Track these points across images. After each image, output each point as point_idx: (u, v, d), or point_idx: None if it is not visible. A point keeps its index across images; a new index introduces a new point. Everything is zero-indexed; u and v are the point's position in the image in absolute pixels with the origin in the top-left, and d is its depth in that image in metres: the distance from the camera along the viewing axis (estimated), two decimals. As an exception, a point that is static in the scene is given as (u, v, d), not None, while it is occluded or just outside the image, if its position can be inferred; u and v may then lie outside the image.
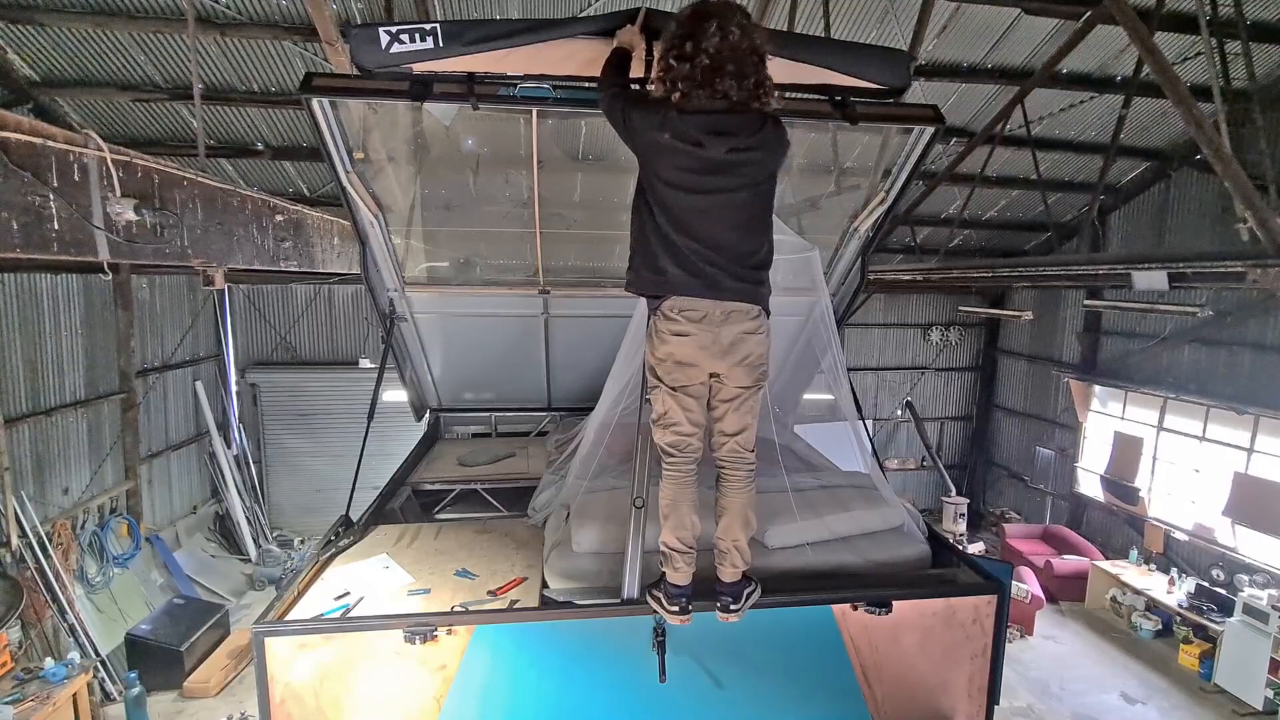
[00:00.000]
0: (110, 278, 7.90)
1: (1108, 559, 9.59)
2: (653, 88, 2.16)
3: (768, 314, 2.30)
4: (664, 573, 2.40)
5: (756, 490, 2.44)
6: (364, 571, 2.88)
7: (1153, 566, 9.09)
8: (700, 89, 2.03)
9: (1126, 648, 8.40)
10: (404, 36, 2.23)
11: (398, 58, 2.26)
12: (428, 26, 2.24)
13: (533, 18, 5.57)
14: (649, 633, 2.42)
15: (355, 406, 10.51)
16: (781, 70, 2.27)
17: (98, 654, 6.82)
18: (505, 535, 3.32)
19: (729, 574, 2.40)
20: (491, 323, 4.57)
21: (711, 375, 2.29)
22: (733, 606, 2.37)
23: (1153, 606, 8.59)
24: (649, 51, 2.28)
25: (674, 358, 2.25)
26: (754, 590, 2.41)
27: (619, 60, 2.28)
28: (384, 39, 2.23)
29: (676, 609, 2.33)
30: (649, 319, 2.30)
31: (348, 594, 2.67)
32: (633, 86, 2.29)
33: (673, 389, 2.29)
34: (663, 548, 2.39)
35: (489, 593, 2.72)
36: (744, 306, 2.24)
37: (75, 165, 2.26)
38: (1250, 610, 7.12)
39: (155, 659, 7.01)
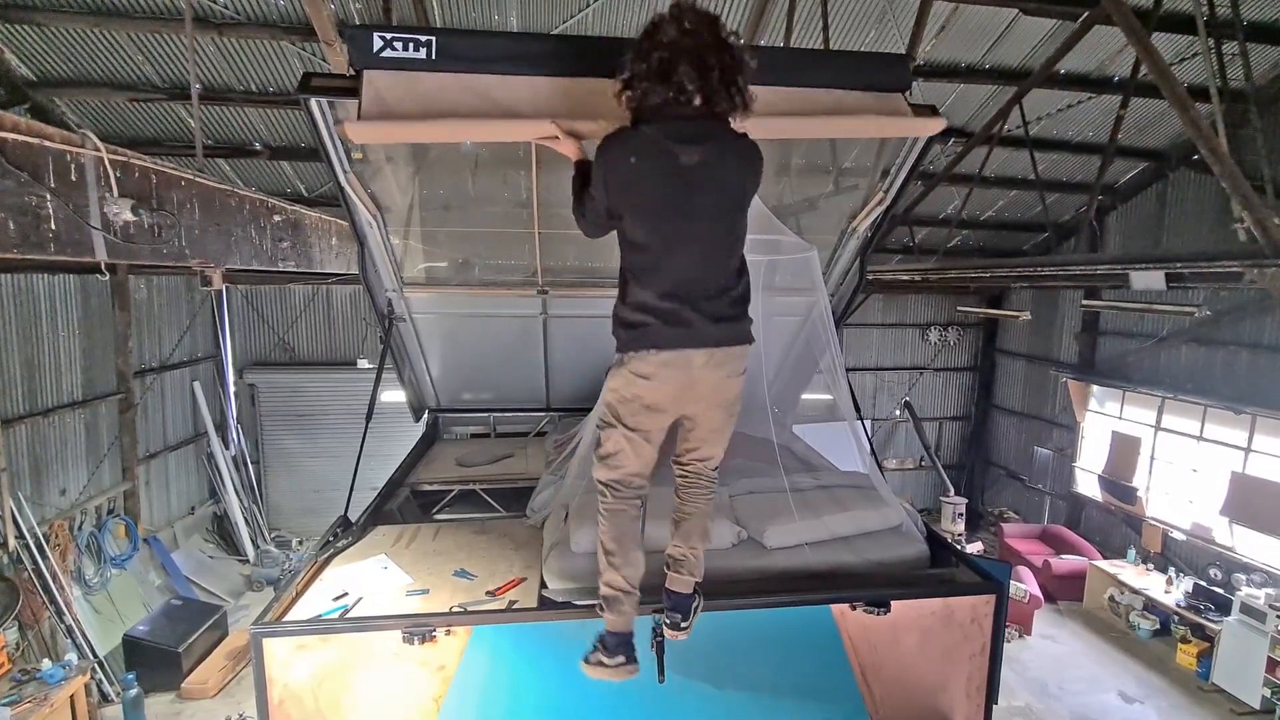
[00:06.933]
0: (108, 278, 7.88)
1: (1106, 559, 9.60)
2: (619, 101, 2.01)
3: (751, 340, 2.14)
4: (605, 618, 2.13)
5: (754, 492, 2.43)
6: (362, 572, 2.88)
7: (1150, 566, 9.10)
8: (659, 83, 1.88)
9: (1124, 647, 8.41)
10: (398, 44, 2.21)
11: (390, 63, 2.24)
12: (423, 38, 2.21)
13: (529, 34, 5.62)
14: (648, 633, 2.41)
15: (354, 407, 10.47)
16: (781, 100, 2.26)
17: (95, 655, 6.81)
18: (504, 536, 3.31)
19: (684, 584, 2.25)
20: (490, 323, 4.57)
21: (684, 417, 2.16)
22: (683, 624, 2.20)
23: (1150, 606, 8.60)
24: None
25: (642, 400, 2.06)
26: (699, 604, 2.27)
27: (581, 171, 2.17)
28: (377, 43, 2.22)
29: (623, 659, 2.09)
30: (618, 355, 2.11)
31: (346, 595, 2.66)
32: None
33: (631, 429, 2.10)
34: (605, 590, 2.13)
35: (488, 593, 2.71)
36: (734, 351, 2.06)
37: (72, 165, 2.25)
38: (1247, 609, 7.14)
39: (153, 660, 7.00)
